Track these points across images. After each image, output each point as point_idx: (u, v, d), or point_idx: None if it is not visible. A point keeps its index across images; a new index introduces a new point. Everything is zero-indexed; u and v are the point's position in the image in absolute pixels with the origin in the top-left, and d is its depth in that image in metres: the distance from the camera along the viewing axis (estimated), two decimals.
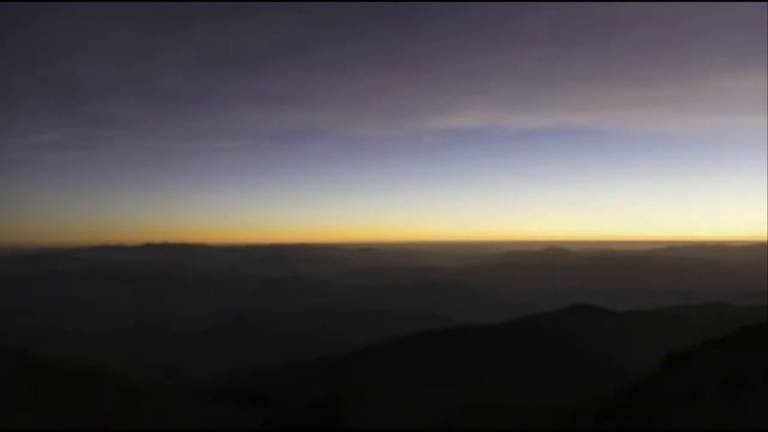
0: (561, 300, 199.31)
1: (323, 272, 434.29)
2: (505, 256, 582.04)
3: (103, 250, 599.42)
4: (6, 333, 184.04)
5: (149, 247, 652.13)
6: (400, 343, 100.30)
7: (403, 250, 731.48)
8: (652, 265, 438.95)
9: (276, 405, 65.50)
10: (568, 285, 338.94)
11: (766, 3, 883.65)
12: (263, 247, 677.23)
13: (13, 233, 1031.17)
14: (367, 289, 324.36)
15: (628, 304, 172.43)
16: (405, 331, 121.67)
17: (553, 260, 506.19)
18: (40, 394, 35.31)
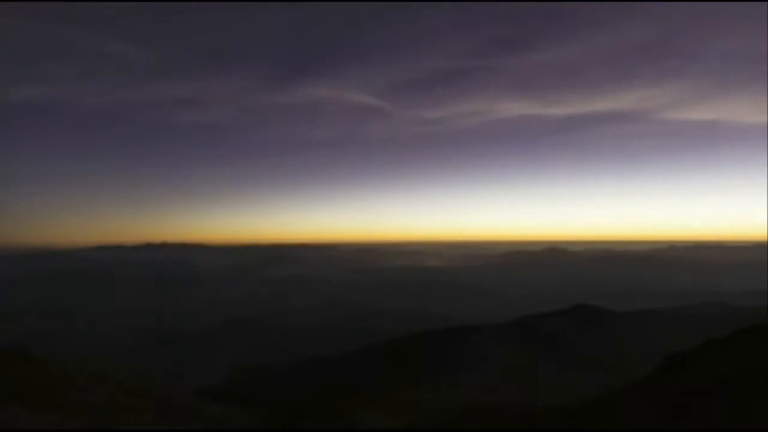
0: (561, 300, 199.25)
1: (323, 272, 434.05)
2: (506, 256, 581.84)
3: (103, 250, 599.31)
4: (6, 333, 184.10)
5: (149, 247, 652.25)
6: (399, 342, 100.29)
7: (402, 250, 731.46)
8: (653, 265, 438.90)
9: (275, 405, 65.44)
10: (568, 285, 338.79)
11: (766, 3, 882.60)
12: (263, 247, 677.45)
13: (13, 233, 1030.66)
14: (367, 288, 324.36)
15: (628, 304, 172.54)
16: (404, 330, 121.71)
17: (554, 260, 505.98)
18: (40, 394, 35.26)
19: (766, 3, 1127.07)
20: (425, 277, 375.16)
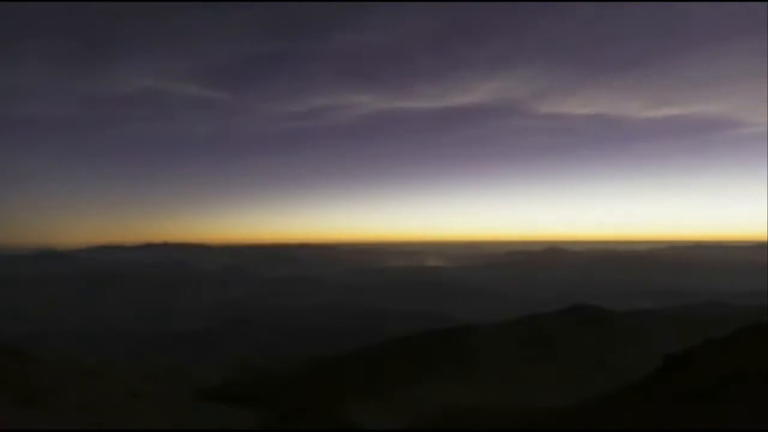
0: (561, 300, 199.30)
1: (323, 272, 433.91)
2: (506, 256, 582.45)
3: (103, 250, 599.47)
4: (6, 333, 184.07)
5: (149, 247, 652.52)
6: (399, 342, 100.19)
7: (402, 250, 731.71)
8: (653, 264, 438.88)
9: (275, 405, 65.39)
10: (568, 285, 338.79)
11: (766, 3, 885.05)
12: (263, 247, 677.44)
13: (13, 233, 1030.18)
14: (367, 288, 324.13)
15: (628, 304, 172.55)
16: (404, 330, 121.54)
17: (553, 260, 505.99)
18: (40, 394, 35.27)
19: None
20: (425, 277, 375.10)
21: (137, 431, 33.19)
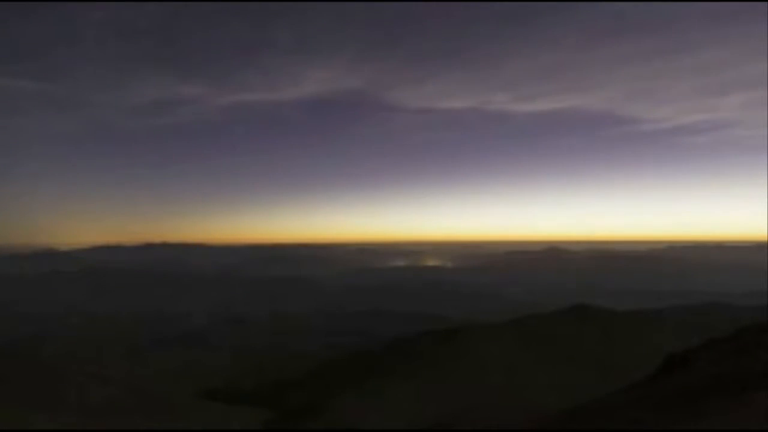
0: (561, 300, 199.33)
1: (323, 272, 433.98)
2: (506, 256, 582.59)
3: (103, 250, 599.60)
4: (6, 333, 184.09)
5: (149, 247, 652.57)
6: (399, 342, 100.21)
7: (402, 250, 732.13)
8: (652, 265, 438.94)
9: (276, 405, 65.38)
10: (568, 285, 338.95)
11: (766, 3, 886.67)
12: (263, 247, 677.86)
13: (13, 233, 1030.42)
14: (366, 289, 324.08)
15: (628, 304, 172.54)
16: (404, 331, 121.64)
17: (553, 260, 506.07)
18: (41, 394, 35.27)
19: None
20: (425, 277, 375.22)
21: (139, 431, 33.20)
